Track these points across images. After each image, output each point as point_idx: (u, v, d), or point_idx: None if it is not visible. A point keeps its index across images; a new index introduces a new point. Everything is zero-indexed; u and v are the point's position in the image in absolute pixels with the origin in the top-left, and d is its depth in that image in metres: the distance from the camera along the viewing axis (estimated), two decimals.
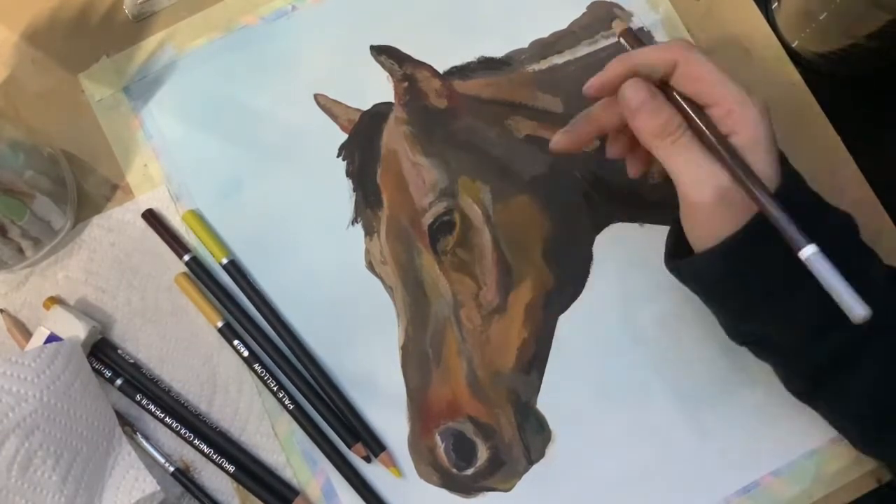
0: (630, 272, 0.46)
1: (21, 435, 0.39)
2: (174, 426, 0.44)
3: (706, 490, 0.43)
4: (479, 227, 0.47)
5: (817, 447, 0.43)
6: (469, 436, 0.44)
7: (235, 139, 0.49)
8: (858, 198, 0.46)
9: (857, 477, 0.43)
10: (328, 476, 0.45)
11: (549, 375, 0.45)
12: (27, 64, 0.50)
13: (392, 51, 0.49)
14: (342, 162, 0.48)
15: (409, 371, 0.45)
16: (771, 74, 0.48)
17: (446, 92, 0.48)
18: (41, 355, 0.41)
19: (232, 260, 0.47)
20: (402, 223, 0.47)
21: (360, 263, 0.47)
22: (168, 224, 0.48)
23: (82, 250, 0.48)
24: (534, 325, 0.45)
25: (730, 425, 0.44)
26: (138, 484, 0.43)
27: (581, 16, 0.49)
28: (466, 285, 0.46)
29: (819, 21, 0.46)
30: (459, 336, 0.45)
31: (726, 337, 0.43)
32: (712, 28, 0.49)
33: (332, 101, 0.49)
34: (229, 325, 0.46)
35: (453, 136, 0.48)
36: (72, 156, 0.49)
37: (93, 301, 0.47)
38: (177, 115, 0.49)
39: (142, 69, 0.49)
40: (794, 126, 0.47)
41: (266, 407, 0.45)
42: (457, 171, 0.47)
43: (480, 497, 0.44)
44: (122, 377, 0.45)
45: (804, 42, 0.48)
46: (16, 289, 0.47)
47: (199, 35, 0.50)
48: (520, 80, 0.49)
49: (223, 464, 0.44)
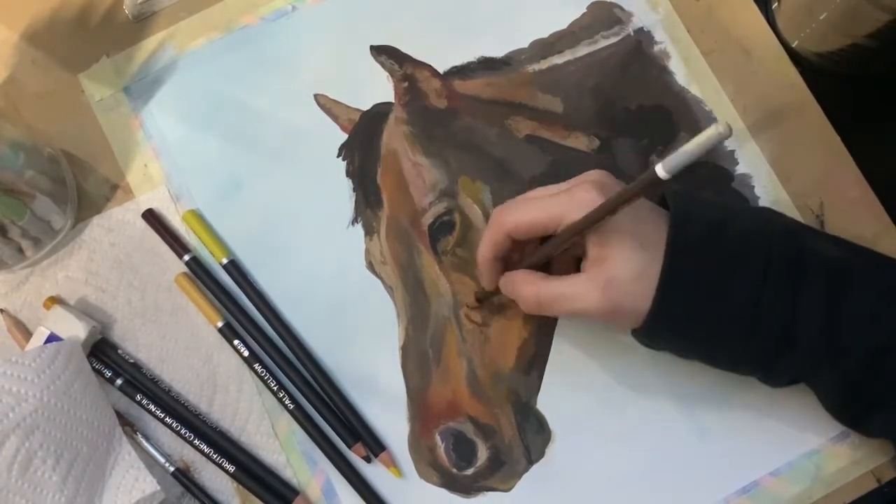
0: None
1: (21, 435, 0.39)
2: (174, 426, 0.44)
3: (706, 490, 0.43)
4: (479, 227, 0.47)
5: (817, 447, 0.43)
6: (469, 436, 0.44)
7: (235, 139, 0.49)
8: (858, 198, 0.46)
9: (857, 477, 0.43)
10: (328, 476, 0.45)
11: (549, 375, 0.45)
12: (27, 64, 0.50)
13: (392, 51, 0.49)
14: (342, 162, 0.48)
15: (409, 371, 0.45)
16: (771, 74, 0.48)
17: (446, 92, 0.48)
18: (41, 355, 0.41)
19: (232, 260, 0.47)
20: (402, 223, 0.47)
21: (360, 263, 0.47)
22: (168, 224, 0.48)
23: (82, 250, 0.48)
24: (534, 325, 0.45)
25: (730, 425, 0.44)
26: (138, 484, 0.43)
27: (581, 16, 0.49)
28: (466, 285, 0.46)
29: (819, 21, 0.46)
30: (459, 336, 0.45)
31: None
32: (712, 28, 0.49)
33: (332, 101, 0.49)
34: (229, 325, 0.46)
35: (453, 136, 0.48)
36: (72, 156, 0.49)
37: (93, 301, 0.47)
38: (177, 115, 0.49)
39: (142, 69, 0.49)
40: (794, 126, 0.47)
41: (266, 407, 0.45)
42: (457, 171, 0.47)
43: (480, 497, 0.44)
44: (122, 377, 0.45)
45: (804, 42, 0.48)
46: (16, 289, 0.47)
47: (199, 35, 0.50)
48: (520, 80, 0.49)
49: (223, 464, 0.44)
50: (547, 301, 0.39)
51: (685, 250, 0.37)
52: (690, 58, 0.48)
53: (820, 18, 0.46)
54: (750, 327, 0.37)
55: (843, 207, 0.46)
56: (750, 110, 0.48)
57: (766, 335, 0.37)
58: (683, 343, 0.40)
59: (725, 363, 0.40)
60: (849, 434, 0.43)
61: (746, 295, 0.37)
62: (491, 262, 0.41)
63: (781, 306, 0.37)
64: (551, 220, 0.37)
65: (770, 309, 0.37)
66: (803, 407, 0.43)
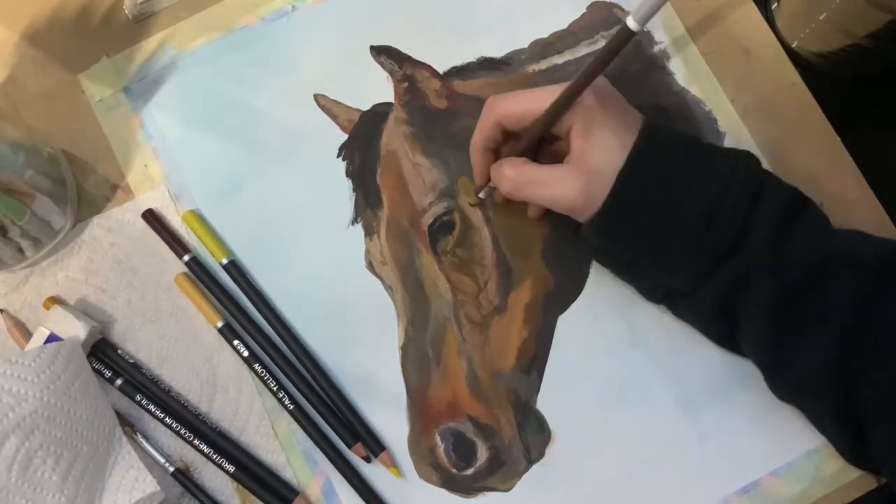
0: None
1: (21, 435, 0.39)
2: (174, 426, 0.44)
3: (706, 490, 0.43)
4: (478, 228, 0.47)
5: (817, 447, 0.43)
6: (469, 436, 0.44)
7: (235, 139, 0.49)
8: (858, 198, 0.46)
9: (857, 477, 0.43)
10: (328, 476, 0.45)
11: (549, 375, 0.45)
12: (27, 64, 0.50)
13: (392, 51, 0.49)
14: (342, 162, 0.48)
15: (409, 371, 0.45)
16: (771, 74, 0.48)
17: (446, 92, 0.48)
18: (41, 355, 0.41)
19: (232, 260, 0.47)
20: (402, 223, 0.47)
21: (360, 263, 0.47)
22: (168, 224, 0.48)
23: (82, 250, 0.48)
24: (534, 325, 0.45)
25: (730, 425, 0.44)
26: (138, 484, 0.43)
27: (581, 16, 0.49)
28: (466, 285, 0.46)
29: (819, 21, 0.46)
30: (459, 336, 0.45)
31: None
32: (712, 28, 0.49)
33: (332, 101, 0.49)
34: (229, 325, 0.46)
35: (453, 136, 0.48)
36: (72, 156, 0.49)
37: (93, 301, 0.47)
38: (177, 115, 0.49)
39: (142, 69, 0.49)
40: (794, 126, 0.47)
41: (266, 407, 0.45)
42: (457, 171, 0.47)
43: (480, 497, 0.44)
44: (122, 377, 0.45)
45: (804, 42, 0.48)
46: (16, 289, 0.47)
47: (199, 35, 0.50)
48: (520, 80, 0.49)
49: (223, 464, 0.44)
50: (524, 182, 0.40)
51: (654, 143, 0.38)
52: (690, 58, 0.48)
53: (820, 18, 0.46)
54: (705, 226, 0.37)
55: (843, 207, 0.45)
56: (750, 110, 0.48)
57: (721, 234, 0.37)
58: (634, 237, 0.39)
59: (668, 266, 0.40)
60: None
61: (705, 199, 0.37)
62: (481, 151, 0.42)
63: (738, 215, 0.37)
64: (542, 109, 0.39)
65: (728, 212, 0.37)
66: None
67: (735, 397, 0.44)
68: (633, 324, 0.45)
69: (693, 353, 0.45)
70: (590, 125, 0.38)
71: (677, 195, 0.38)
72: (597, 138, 0.38)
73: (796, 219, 0.38)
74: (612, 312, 0.45)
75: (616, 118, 0.38)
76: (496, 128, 0.41)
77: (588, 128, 0.38)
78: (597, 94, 0.38)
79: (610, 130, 0.38)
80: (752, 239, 0.37)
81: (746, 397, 0.44)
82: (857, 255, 0.37)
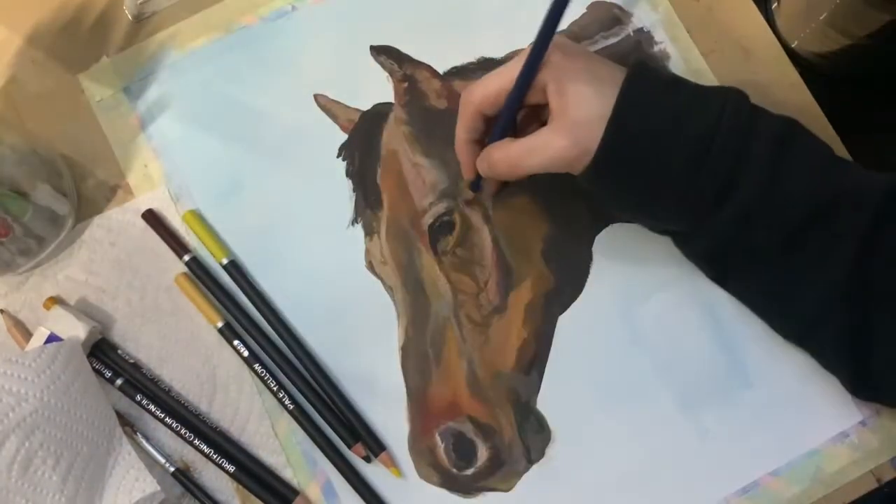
0: (630, 272, 0.46)
1: (21, 435, 0.39)
2: (174, 426, 0.44)
3: (706, 490, 0.43)
4: (478, 228, 0.47)
5: (817, 447, 0.43)
6: (469, 436, 0.44)
7: (235, 139, 0.49)
8: None
9: (857, 477, 0.43)
10: (328, 476, 0.45)
11: (549, 375, 0.45)
12: (27, 64, 0.50)
13: (392, 51, 0.49)
14: (342, 162, 0.48)
15: (409, 371, 0.45)
16: (771, 74, 0.48)
17: (446, 92, 0.48)
18: (41, 355, 0.41)
19: (232, 260, 0.47)
20: (402, 223, 0.47)
21: (360, 264, 0.47)
22: (168, 224, 0.48)
23: (82, 250, 0.48)
24: (534, 325, 0.45)
25: (730, 425, 0.44)
26: (138, 484, 0.43)
27: (581, 16, 0.49)
28: (466, 285, 0.46)
29: (819, 21, 0.46)
30: (459, 336, 0.45)
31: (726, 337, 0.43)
32: (712, 28, 0.49)
33: (332, 101, 0.49)
34: (229, 325, 0.46)
35: (453, 136, 0.48)
36: (72, 156, 0.49)
37: (93, 301, 0.47)
38: (177, 115, 0.49)
39: (142, 69, 0.50)
40: None
41: (266, 407, 0.45)
42: (457, 172, 0.47)
43: (480, 497, 0.44)
44: (122, 377, 0.45)
45: (804, 42, 0.48)
46: (16, 289, 0.47)
47: (200, 35, 0.50)
48: None
49: (223, 464, 0.44)
50: (517, 158, 0.39)
51: (642, 81, 0.38)
52: (690, 58, 0.48)
53: (820, 18, 0.46)
54: (700, 162, 0.37)
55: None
56: None
57: (712, 174, 0.38)
58: (631, 178, 0.39)
59: (662, 209, 0.40)
60: (849, 434, 0.43)
61: (698, 135, 0.37)
62: (466, 144, 0.42)
63: (731, 151, 0.37)
64: (514, 81, 0.39)
65: (721, 148, 0.37)
66: (804, 407, 0.43)
67: (735, 397, 0.44)
68: (633, 324, 0.45)
69: (693, 353, 0.45)
70: (562, 80, 0.38)
71: (666, 138, 0.38)
72: (572, 91, 0.38)
73: (790, 153, 0.38)
74: (612, 312, 0.45)
75: (586, 69, 0.38)
76: (477, 117, 0.41)
77: (561, 83, 0.38)
78: (562, 50, 0.38)
79: (583, 82, 0.38)
80: (744, 179, 0.38)
81: (746, 397, 0.44)
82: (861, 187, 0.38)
